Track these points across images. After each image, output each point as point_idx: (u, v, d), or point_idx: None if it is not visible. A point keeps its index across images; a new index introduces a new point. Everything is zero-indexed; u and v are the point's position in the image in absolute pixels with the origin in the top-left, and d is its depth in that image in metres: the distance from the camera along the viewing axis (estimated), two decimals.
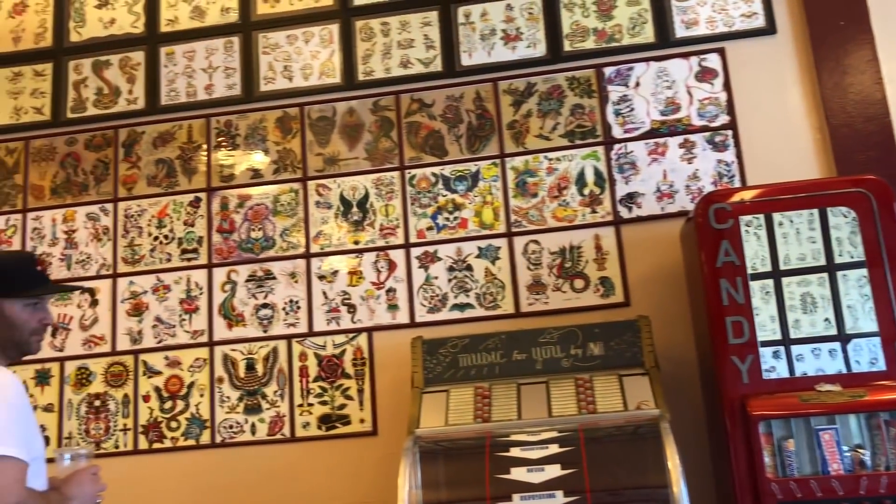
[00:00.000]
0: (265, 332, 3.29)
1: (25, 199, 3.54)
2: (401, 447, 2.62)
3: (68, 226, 3.48)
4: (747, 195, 2.66)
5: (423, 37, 3.46)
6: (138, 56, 3.61)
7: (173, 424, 3.24)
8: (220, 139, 3.49)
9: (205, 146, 3.49)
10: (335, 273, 3.30)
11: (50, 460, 2.04)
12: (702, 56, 3.29)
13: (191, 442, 3.23)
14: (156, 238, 3.42)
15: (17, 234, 3.50)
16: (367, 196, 3.35)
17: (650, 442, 2.43)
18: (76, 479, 2.01)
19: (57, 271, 3.42)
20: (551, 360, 2.82)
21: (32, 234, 3.49)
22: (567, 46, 3.37)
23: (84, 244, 3.46)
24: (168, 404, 3.26)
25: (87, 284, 3.39)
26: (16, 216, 3.53)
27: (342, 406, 3.18)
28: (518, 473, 2.35)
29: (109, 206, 3.48)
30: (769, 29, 3.27)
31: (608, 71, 3.33)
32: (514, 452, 2.41)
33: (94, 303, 3.39)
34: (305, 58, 3.51)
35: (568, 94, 3.33)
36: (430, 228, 3.29)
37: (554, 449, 2.40)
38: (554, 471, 2.34)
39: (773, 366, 2.50)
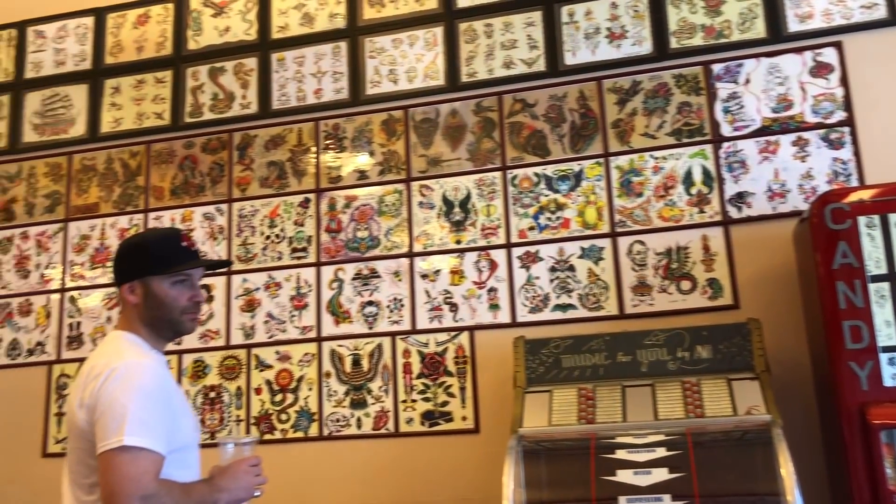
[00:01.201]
0: (370, 328, 3.37)
1: (147, 199, 3.75)
2: (503, 446, 2.65)
3: (186, 225, 3.66)
4: (866, 195, 2.55)
5: (527, 37, 3.47)
6: (251, 62, 3.77)
7: (283, 417, 3.36)
8: (328, 142, 3.60)
9: (314, 148, 3.61)
10: (437, 272, 3.35)
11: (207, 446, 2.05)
12: (817, 51, 3.17)
13: (300, 434, 3.34)
14: (268, 237, 3.55)
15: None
16: (468, 196, 3.39)
17: (760, 448, 2.37)
18: (232, 470, 1.91)
19: None
20: (657, 362, 2.78)
21: None
22: (674, 43, 3.31)
23: (201, 243, 3.62)
24: (279, 397, 3.39)
25: (206, 281, 3.55)
26: (138, 216, 3.73)
27: (444, 403, 3.23)
28: (624, 476, 2.33)
29: (224, 207, 3.64)
30: (891, 20, 3.12)
31: (716, 68, 3.25)
32: (620, 455, 2.40)
33: (210, 299, 3.55)
34: (410, 61, 3.58)
35: (675, 91, 3.27)
36: (531, 228, 3.29)
37: (661, 452, 2.37)
38: (661, 474, 2.31)
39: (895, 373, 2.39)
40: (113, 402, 1.80)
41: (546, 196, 3.31)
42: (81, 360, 3.64)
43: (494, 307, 3.26)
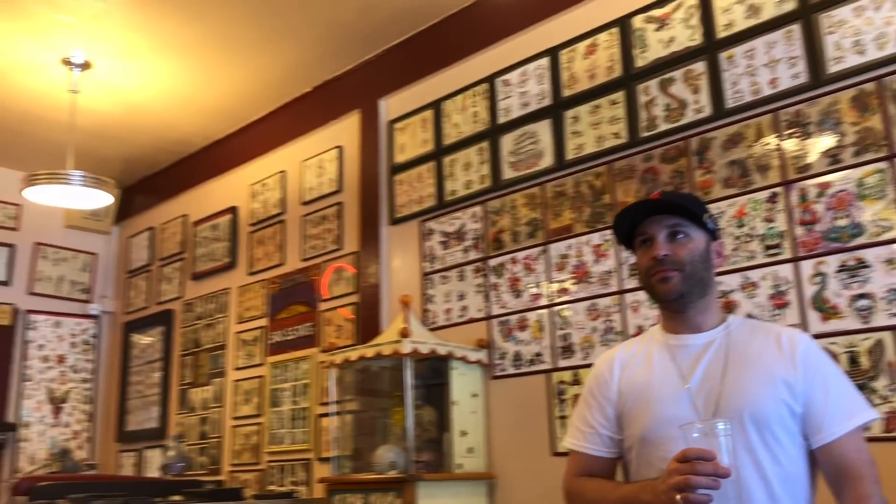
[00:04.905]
0: (865, 323, 3.10)
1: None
2: None
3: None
4: None
5: None
6: (699, 67, 3.78)
7: None
8: (790, 130, 3.44)
9: (775, 140, 3.48)
10: None
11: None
12: None
13: None
14: (737, 237, 3.51)
15: (612, 247, 3.95)
16: None
17: None
18: (668, 468, 1.55)
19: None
20: None
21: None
22: None
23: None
24: None
25: None
26: (608, 232, 3.97)
27: None
28: None
29: None
30: None
31: None
32: None
33: None
34: (878, 26, 3.24)
35: None
36: None
37: None
38: None
39: None
40: None
41: None
42: (575, 368, 4.01)
43: None
